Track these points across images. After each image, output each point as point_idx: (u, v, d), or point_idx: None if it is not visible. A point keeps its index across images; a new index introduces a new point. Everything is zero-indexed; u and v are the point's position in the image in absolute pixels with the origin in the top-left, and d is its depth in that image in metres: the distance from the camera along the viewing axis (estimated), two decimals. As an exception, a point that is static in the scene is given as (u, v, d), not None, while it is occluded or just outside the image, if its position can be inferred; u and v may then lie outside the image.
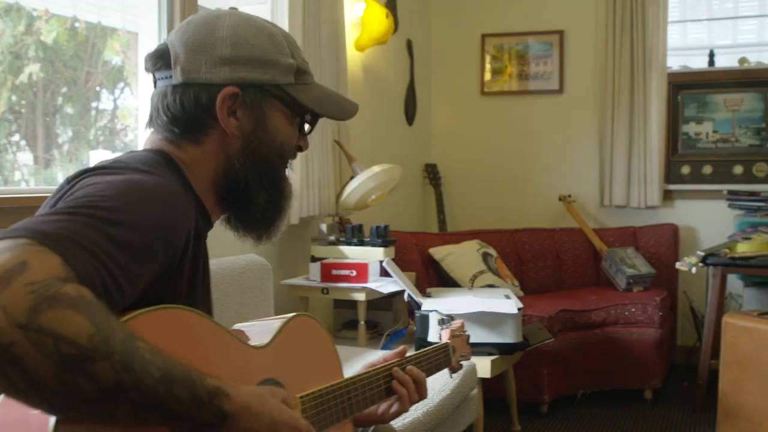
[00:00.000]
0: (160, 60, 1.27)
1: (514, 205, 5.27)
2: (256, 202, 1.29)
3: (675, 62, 5.11)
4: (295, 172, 3.39)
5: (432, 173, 5.23)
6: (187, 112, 1.24)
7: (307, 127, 1.37)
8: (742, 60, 4.98)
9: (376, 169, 3.59)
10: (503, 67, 5.35)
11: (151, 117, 1.29)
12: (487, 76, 5.39)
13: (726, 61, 5.06)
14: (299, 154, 1.41)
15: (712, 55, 5.06)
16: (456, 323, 1.86)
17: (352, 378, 1.39)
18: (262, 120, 1.28)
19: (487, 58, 5.38)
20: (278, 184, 1.33)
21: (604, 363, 4.04)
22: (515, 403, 3.57)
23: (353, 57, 4.24)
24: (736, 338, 3.35)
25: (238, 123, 1.26)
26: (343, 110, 1.38)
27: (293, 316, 1.33)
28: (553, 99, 5.24)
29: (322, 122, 3.76)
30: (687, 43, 5.22)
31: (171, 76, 1.25)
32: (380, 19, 4.18)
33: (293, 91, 1.30)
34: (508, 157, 5.33)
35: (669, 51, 4.96)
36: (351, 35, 4.19)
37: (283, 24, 3.43)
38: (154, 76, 1.29)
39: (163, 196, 1.09)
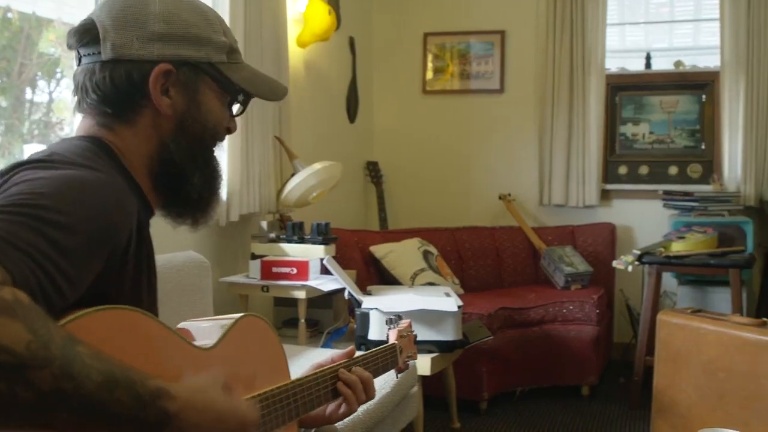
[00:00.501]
0: (86, 35, 1.21)
1: (454, 204, 5.30)
2: (192, 182, 1.26)
3: (613, 64, 5.19)
4: (234, 168, 3.36)
5: (373, 171, 5.22)
6: (118, 89, 1.19)
7: (237, 108, 1.35)
8: (678, 63, 5.09)
9: (317, 166, 3.57)
10: (445, 66, 5.37)
11: (79, 101, 1.24)
12: (429, 74, 5.40)
13: (662, 63, 5.17)
14: (239, 151, 1.39)
15: (648, 58, 5.16)
16: (403, 323, 1.85)
17: (299, 380, 1.36)
18: (196, 99, 1.25)
19: (429, 57, 5.39)
20: (212, 165, 1.30)
21: (543, 360, 4.09)
22: (455, 401, 3.59)
23: (295, 53, 4.21)
24: (671, 335, 3.42)
25: (171, 102, 1.22)
26: (274, 91, 1.36)
27: (241, 317, 1.31)
28: (493, 98, 5.28)
29: (263, 118, 3.71)
30: (625, 46, 5.31)
31: (99, 52, 1.19)
32: (322, 16, 4.15)
33: (226, 70, 1.27)
34: (449, 156, 5.36)
35: (607, 53, 5.03)
36: (293, 31, 4.16)
37: (224, 19, 3.38)
38: (79, 53, 1.23)
39: (103, 194, 1.05)
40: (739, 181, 4.73)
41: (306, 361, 1.48)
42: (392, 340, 1.77)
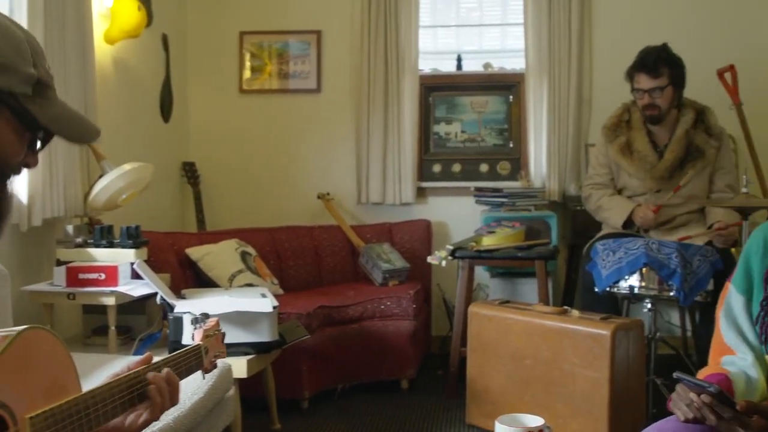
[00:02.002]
0: None
1: (273, 204, 5.27)
2: None
3: (426, 65, 5.33)
4: (36, 169, 3.18)
5: (190, 171, 5.11)
6: None
7: (38, 144, 1.28)
8: (487, 65, 5.30)
9: (126, 167, 3.46)
10: (263, 65, 5.33)
11: None
12: (247, 74, 5.34)
13: (472, 65, 5.36)
14: (41, 154, 1.31)
15: (459, 60, 5.34)
16: (210, 322, 1.83)
17: (90, 391, 1.30)
18: None
19: (247, 56, 5.33)
20: None
21: (362, 356, 4.14)
22: (275, 401, 3.57)
23: (102, 50, 4.05)
24: (481, 326, 3.56)
25: None
26: (83, 133, 1.30)
27: (22, 330, 1.23)
28: (311, 98, 5.30)
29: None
30: (437, 48, 5.47)
31: None
32: (131, 11, 4.01)
33: (29, 103, 1.20)
34: (267, 156, 5.32)
35: (421, 54, 5.17)
36: (100, 27, 3.99)
37: (22, 14, 3.20)
38: None
39: None
40: (544, 178, 5.00)
41: (115, 370, 1.43)
42: (197, 339, 1.74)
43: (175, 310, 3.02)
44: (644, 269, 3.36)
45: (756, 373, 1.78)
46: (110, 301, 3.14)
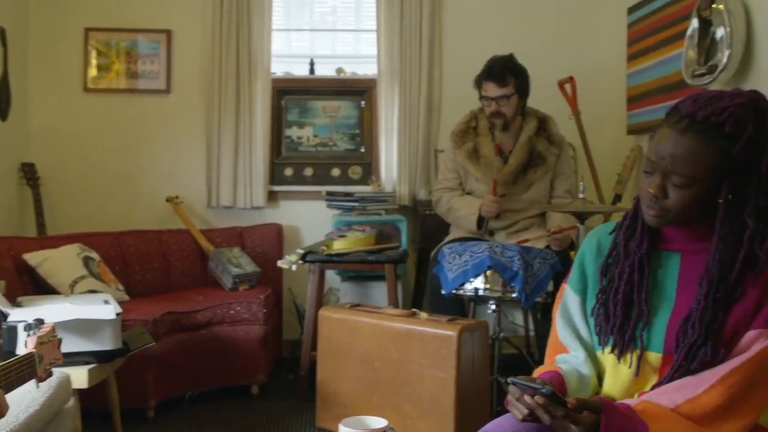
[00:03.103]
0: None
1: (119, 207, 5.10)
2: None
3: (279, 68, 5.32)
4: None
5: (29, 173, 4.87)
6: None
7: None
8: (339, 70, 5.34)
9: (-43, 167, 3.27)
10: (110, 64, 5.16)
11: None
12: (93, 72, 5.15)
13: (326, 70, 5.38)
14: None
15: (312, 64, 5.35)
16: (44, 328, 1.76)
17: None
18: None
19: (93, 54, 5.14)
20: None
21: (212, 362, 4.07)
22: (118, 411, 3.45)
23: (-69, 43, 3.81)
24: (331, 329, 3.58)
25: None
26: None
27: None
28: (160, 99, 5.17)
29: None
30: (291, 51, 5.46)
31: None
32: (-36, 3, 3.80)
33: None
34: (114, 157, 5.15)
35: (274, 57, 5.16)
36: (-72, 18, 3.76)
37: None
38: None
39: None
40: (395, 182, 5.08)
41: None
42: (30, 347, 1.67)
43: (9, 319, 2.87)
44: (488, 272, 3.47)
45: (587, 370, 1.88)
46: (-63, 310, 2.95)
